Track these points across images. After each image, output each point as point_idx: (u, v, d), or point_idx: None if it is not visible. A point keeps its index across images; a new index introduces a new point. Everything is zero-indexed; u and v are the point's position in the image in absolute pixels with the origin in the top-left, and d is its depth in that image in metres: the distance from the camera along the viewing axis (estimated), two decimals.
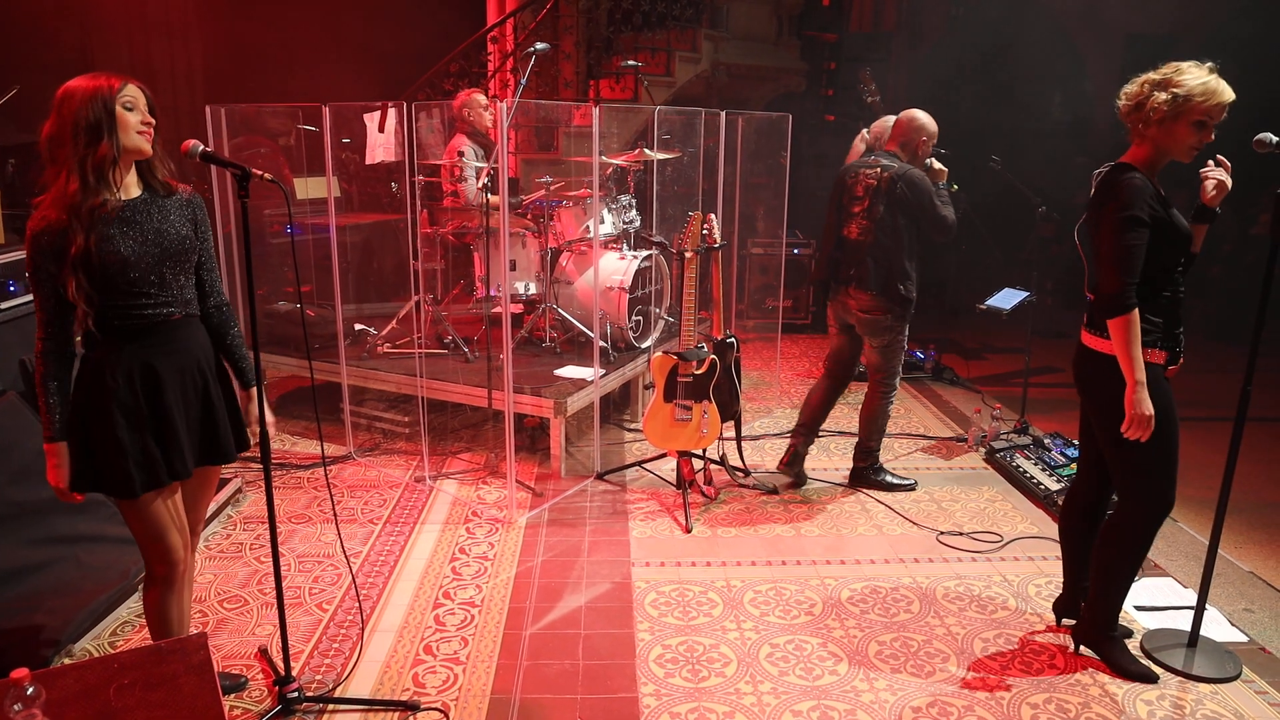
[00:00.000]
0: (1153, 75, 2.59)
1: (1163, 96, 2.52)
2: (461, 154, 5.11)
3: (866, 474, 4.40)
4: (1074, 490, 3.12)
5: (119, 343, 2.21)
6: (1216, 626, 3.19)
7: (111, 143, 2.12)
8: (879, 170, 4.07)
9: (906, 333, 4.23)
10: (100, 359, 2.20)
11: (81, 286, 2.09)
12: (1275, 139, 2.60)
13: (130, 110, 2.16)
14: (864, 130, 5.59)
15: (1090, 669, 2.93)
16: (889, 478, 4.39)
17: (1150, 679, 2.85)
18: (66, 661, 2.84)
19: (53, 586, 3.01)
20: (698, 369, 4.08)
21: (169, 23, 9.64)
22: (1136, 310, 2.55)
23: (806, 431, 4.44)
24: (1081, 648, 2.99)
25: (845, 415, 5.40)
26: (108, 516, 3.25)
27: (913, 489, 4.37)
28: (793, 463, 4.45)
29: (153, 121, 2.21)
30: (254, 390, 2.60)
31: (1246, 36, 7.65)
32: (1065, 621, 3.19)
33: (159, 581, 2.40)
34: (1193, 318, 8.06)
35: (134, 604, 3.19)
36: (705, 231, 4.13)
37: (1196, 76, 2.51)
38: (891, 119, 5.57)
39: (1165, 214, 2.58)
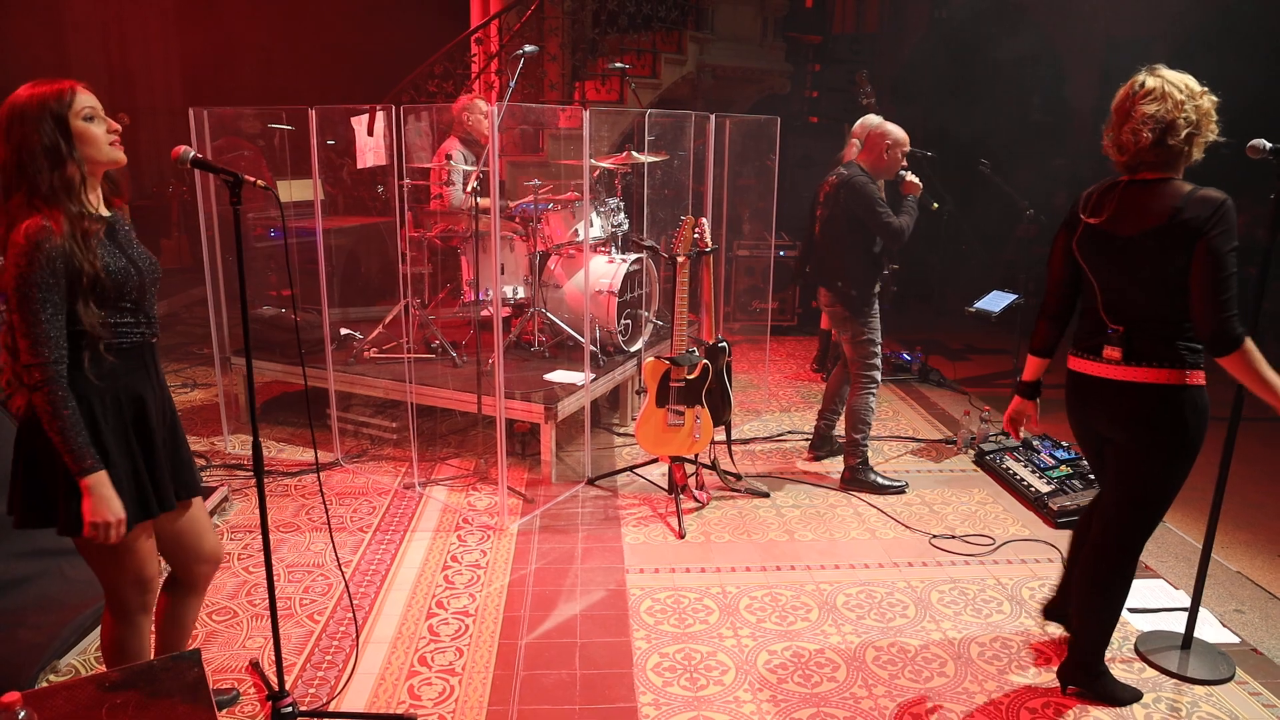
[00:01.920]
0: (1184, 87, 2.42)
1: (1208, 104, 2.43)
2: (449, 157, 5.06)
3: (857, 474, 4.41)
4: (1092, 507, 2.97)
5: (107, 370, 2.08)
6: (1208, 628, 3.21)
7: (77, 163, 2.00)
8: (835, 178, 4.30)
9: (872, 325, 4.32)
10: (87, 388, 2.05)
11: (93, 313, 1.99)
12: (1268, 145, 2.61)
13: (92, 121, 2.04)
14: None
15: None
16: (879, 479, 4.40)
17: (1137, 695, 2.81)
18: (52, 678, 2.78)
19: (36, 601, 2.94)
20: (690, 374, 4.07)
21: (146, 24, 9.51)
22: (1245, 349, 2.37)
23: (828, 413, 4.80)
24: (1069, 688, 2.84)
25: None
26: None
27: (903, 491, 4.37)
28: (819, 445, 4.82)
29: (119, 127, 2.12)
30: None
31: (1224, 39, 7.74)
32: (1050, 626, 3.18)
33: (136, 611, 2.27)
34: None
35: None
36: (696, 236, 4.12)
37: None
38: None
39: None
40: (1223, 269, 2.35)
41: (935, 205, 4.53)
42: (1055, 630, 3.18)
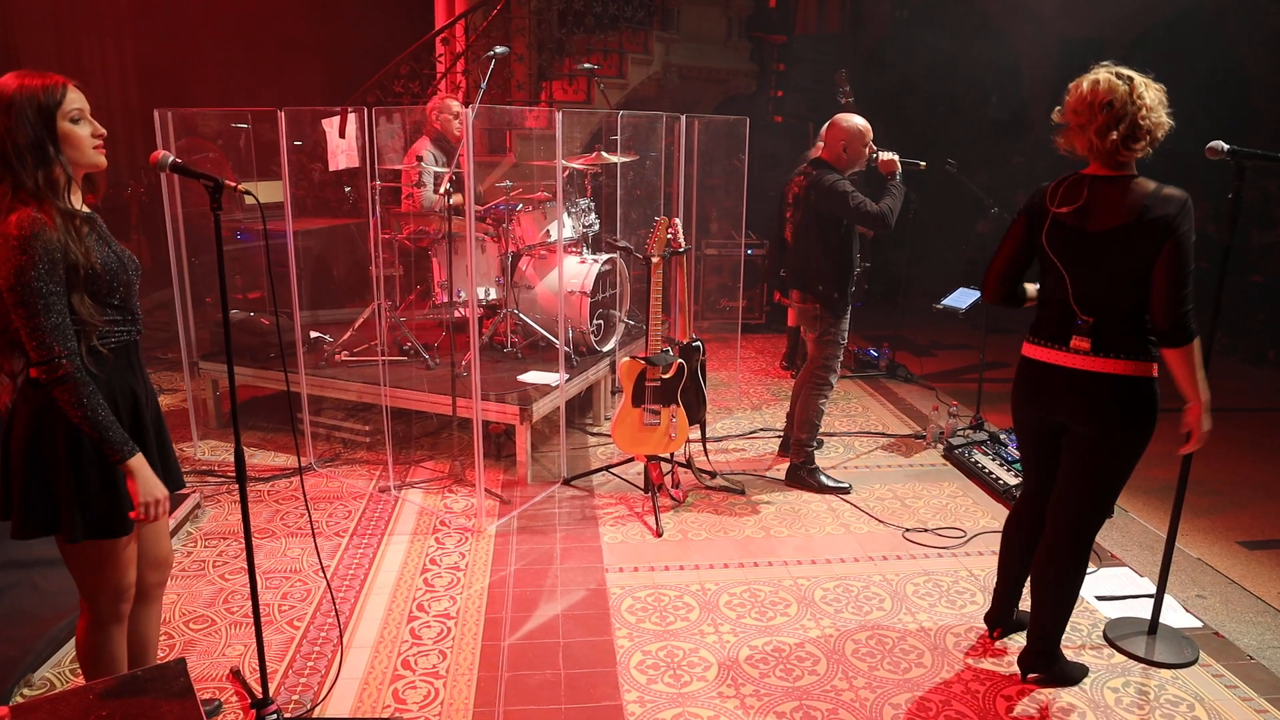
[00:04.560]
0: (1157, 94, 2.50)
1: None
2: (420, 158, 5.04)
3: (801, 473, 4.45)
4: (1023, 508, 3.00)
5: (100, 368, 2.06)
6: (1172, 613, 3.31)
7: (62, 163, 1.99)
8: (802, 179, 4.27)
9: (843, 329, 4.32)
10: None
11: (86, 302, 1.97)
12: (1226, 146, 2.70)
13: (78, 123, 2.02)
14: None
15: None
16: (824, 479, 4.42)
17: (1085, 672, 2.92)
18: (27, 692, 2.73)
19: (8, 614, 2.88)
20: (665, 374, 4.09)
21: (100, 21, 9.30)
22: (1193, 345, 2.50)
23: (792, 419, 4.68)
24: (1030, 675, 2.90)
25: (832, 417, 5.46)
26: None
27: (848, 492, 4.39)
28: (788, 446, 4.66)
29: (104, 132, 2.09)
30: None
31: (1175, 39, 7.95)
32: (996, 633, 3.15)
33: (111, 620, 2.25)
34: None
35: None
36: (670, 236, 4.14)
37: None
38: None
39: None
40: (1187, 266, 2.46)
41: (922, 165, 4.48)
42: (991, 639, 3.19)
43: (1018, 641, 3.11)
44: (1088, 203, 2.59)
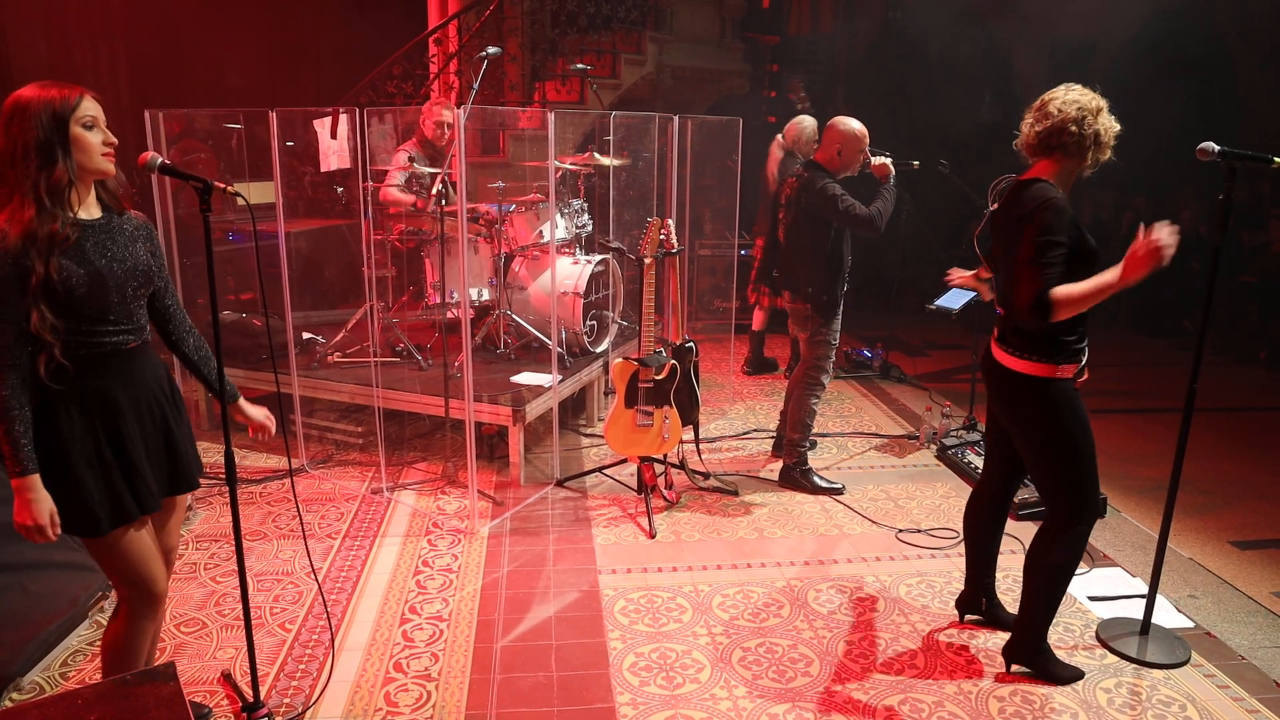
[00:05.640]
0: (1091, 100, 2.61)
1: (1110, 124, 2.63)
2: (411, 158, 5.02)
3: (794, 474, 4.44)
4: (981, 487, 3.14)
5: (75, 374, 2.06)
6: (1164, 613, 3.32)
7: (67, 165, 2.00)
8: (794, 181, 4.30)
9: (834, 330, 4.33)
10: (54, 392, 2.05)
11: (45, 319, 1.97)
12: (1217, 148, 2.71)
13: (90, 129, 2.05)
14: (778, 136, 5.78)
15: None
16: (817, 479, 4.42)
17: (1079, 675, 2.91)
18: (16, 696, 2.72)
19: None
20: (658, 375, 4.09)
21: (91, 21, 9.26)
22: (1057, 302, 2.44)
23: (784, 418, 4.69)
24: (1013, 666, 2.94)
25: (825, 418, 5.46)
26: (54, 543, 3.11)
27: (841, 492, 4.39)
28: (781, 446, 4.70)
29: (115, 141, 2.11)
30: (240, 401, 2.70)
31: (1167, 40, 7.97)
32: (969, 618, 3.25)
33: (140, 614, 2.28)
34: (1118, 310, 8.38)
35: (85, 632, 3.07)
36: (663, 237, 4.14)
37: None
38: (806, 120, 5.78)
39: (1079, 233, 2.57)
40: (1032, 253, 2.50)
41: (915, 164, 4.55)
42: (962, 623, 3.26)
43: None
44: (1001, 206, 2.78)
